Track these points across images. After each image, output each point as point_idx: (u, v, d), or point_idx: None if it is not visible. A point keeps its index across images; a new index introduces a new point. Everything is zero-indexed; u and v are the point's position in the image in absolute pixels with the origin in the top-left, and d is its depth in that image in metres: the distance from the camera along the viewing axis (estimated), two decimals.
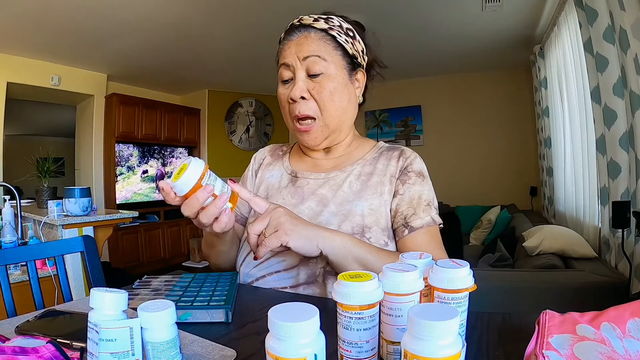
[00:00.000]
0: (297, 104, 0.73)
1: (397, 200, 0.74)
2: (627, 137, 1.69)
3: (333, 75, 0.73)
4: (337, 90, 0.73)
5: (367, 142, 0.85)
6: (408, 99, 4.73)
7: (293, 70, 0.74)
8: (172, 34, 3.15)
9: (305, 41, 0.73)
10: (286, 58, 0.74)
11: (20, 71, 3.48)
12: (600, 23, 1.76)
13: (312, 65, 0.72)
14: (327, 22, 0.74)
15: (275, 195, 0.80)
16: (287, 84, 0.76)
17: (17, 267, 1.91)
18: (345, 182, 0.77)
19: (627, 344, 0.35)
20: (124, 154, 4.36)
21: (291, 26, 0.76)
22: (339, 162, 0.81)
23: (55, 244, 0.90)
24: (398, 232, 0.73)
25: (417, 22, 3.03)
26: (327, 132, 0.76)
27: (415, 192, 0.74)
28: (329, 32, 0.74)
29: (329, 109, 0.73)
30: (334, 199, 0.74)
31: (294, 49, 0.73)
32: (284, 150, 0.91)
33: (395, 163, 0.78)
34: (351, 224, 0.71)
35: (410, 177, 0.76)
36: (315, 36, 0.73)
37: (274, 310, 0.33)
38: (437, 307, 0.33)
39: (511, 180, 4.26)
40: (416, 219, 0.72)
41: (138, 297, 0.61)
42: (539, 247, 2.01)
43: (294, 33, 0.75)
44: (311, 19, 0.75)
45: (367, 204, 0.73)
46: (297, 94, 0.72)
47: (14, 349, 0.35)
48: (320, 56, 0.72)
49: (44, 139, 6.47)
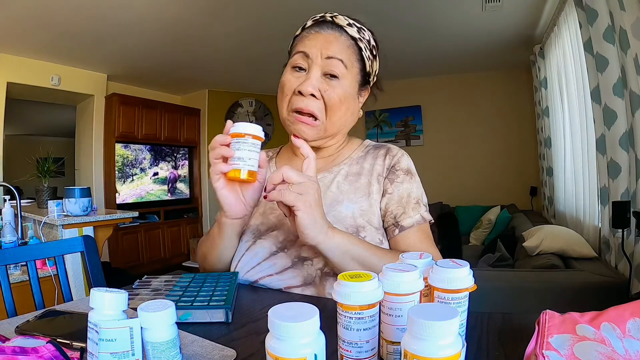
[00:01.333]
0: (303, 97, 0.70)
1: (387, 199, 0.74)
2: (627, 137, 1.69)
3: (347, 84, 0.72)
4: (347, 99, 0.73)
5: (354, 141, 0.85)
6: (408, 99, 4.73)
7: (310, 63, 0.71)
8: (172, 34, 3.15)
9: (335, 41, 0.71)
10: (309, 48, 0.71)
11: (20, 71, 3.48)
12: (600, 23, 1.76)
13: (332, 66, 0.70)
14: (359, 32, 0.73)
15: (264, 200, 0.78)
16: (297, 72, 0.72)
17: (17, 267, 1.91)
18: (333, 182, 0.76)
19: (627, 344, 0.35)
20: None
21: (321, 19, 0.74)
22: (327, 162, 0.81)
23: (55, 244, 0.90)
24: (389, 231, 0.73)
25: (417, 22, 3.03)
26: (323, 135, 0.75)
27: (404, 191, 0.74)
28: (358, 43, 0.73)
29: (334, 114, 0.72)
30: (323, 200, 0.73)
31: (321, 43, 0.71)
32: (270, 155, 0.88)
33: (382, 161, 0.78)
34: (344, 225, 0.70)
35: (398, 175, 0.76)
36: (345, 41, 0.72)
37: (274, 310, 0.33)
38: (437, 307, 0.33)
39: (511, 180, 4.26)
40: (406, 218, 0.72)
41: (138, 297, 0.61)
42: (539, 247, 2.01)
43: (325, 27, 0.73)
44: (345, 21, 0.73)
45: (357, 207, 0.72)
46: (309, 90, 0.69)
47: (14, 349, 0.35)
48: (344, 62, 0.71)
49: (44, 139, 6.47)
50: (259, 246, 0.73)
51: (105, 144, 4.23)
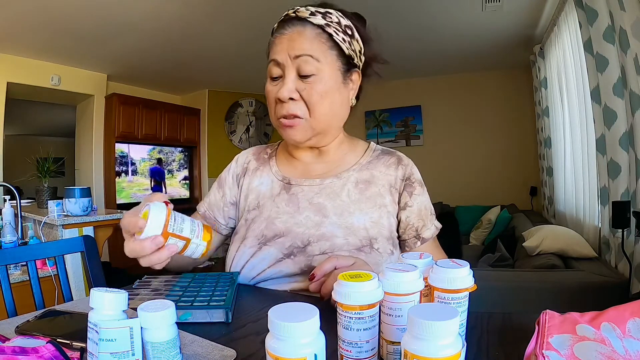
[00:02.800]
0: (284, 104, 0.69)
1: (407, 212, 0.74)
2: (627, 137, 1.69)
3: (326, 77, 0.68)
4: (329, 93, 0.69)
5: (359, 144, 0.83)
6: (408, 99, 4.73)
7: (283, 69, 0.69)
8: (172, 34, 3.15)
9: (299, 38, 0.67)
10: (276, 54, 0.69)
11: (20, 71, 3.48)
12: (600, 23, 1.76)
13: (303, 65, 0.67)
14: (325, 17, 0.68)
15: (268, 205, 0.76)
16: (276, 81, 0.71)
17: (17, 267, 1.91)
18: (343, 190, 0.74)
19: (627, 344, 0.35)
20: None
21: (285, 17, 0.70)
22: (332, 167, 0.78)
23: (56, 244, 0.90)
24: (409, 242, 0.74)
25: (417, 22, 3.03)
26: (313, 133, 0.72)
27: (421, 203, 0.76)
28: (326, 30, 0.68)
29: (318, 111, 0.69)
30: (333, 209, 0.72)
31: (286, 44, 0.68)
32: (269, 152, 0.86)
33: (394, 172, 0.77)
34: (358, 237, 0.70)
35: (415, 187, 0.76)
36: (310, 33, 0.67)
37: (274, 310, 0.33)
38: (437, 307, 0.33)
39: (511, 180, 4.25)
40: (426, 230, 0.75)
41: (138, 297, 0.61)
42: (539, 247, 2.01)
43: (287, 26, 0.69)
44: (307, 12, 0.68)
45: (368, 217, 0.72)
46: (286, 95, 0.67)
47: (14, 349, 0.35)
48: (313, 56, 0.67)
49: (44, 139, 6.46)
50: (264, 252, 0.72)
51: (105, 144, 4.23)
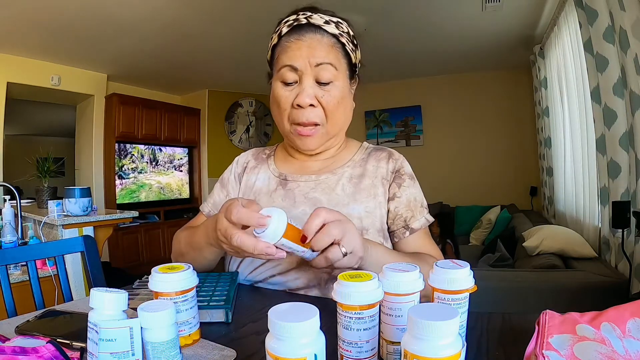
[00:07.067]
0: (303, 110, 0.70)
1: (395, 203, 0.75)
2: (627, 137, 1.69)
3: (341, 84, 0.71)
4: (344, 99, 0.73)
5: (352, 143, 0.85)
6: (408, 99, 4.73)
7: (300, 75, 0.69)
8: (172, 34, 3.15)
9: (319, 46, 0.69)
10: (294, 60, 0.69)
11: (20, 71, 3.47)
12: (600, 23, 1.76)
13: (322, 72, 0.69)
14: (338, 27, 0.71)
15: (265, 200, 0.77)
16: (290, 86, 0.71)
17: (17, 267, 1.91)
18: (337, 185, 0.76)
19: (627, 344, 0.35)
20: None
21: (299, 24, 0.70)
22: (327, 164, 0.80)
23: (56, 244, 0.90)
24: (398, 233, 0.74)
25: (417, 22, 3.03)
26: (327, 138, 0.75)
27: (411, 195, 0.76)
28: (340, 39, 0.71)
29: (335, 117, 0.72)
30: (328, 203, 0.73)
31: (305, 52, 0.68)
32: (267, 153, 0.88)
33: (385, 165, 0.78)
34: None
35: (404, 179, 0.77)
36: (327, 42, 0.70)
37: (274, 310, 0.33)
38: (437, 307, 0.33)
39: (511, 180, 4.25)
40: (415, 221, 0.75)
41: (138, 297, 0.61)
42: (539, 247, 2.01)
43: (304, 32, 0.69)
44: (322, 20, 0.70)
45: (363, 207, 0.73)
46: (307, 101, 0.69)
47: (14, 349, 0.35)
48: (332, 64, 0.69)
49: (44, 139, 6.46)
50: None
51: (105, 144, 4.23)
